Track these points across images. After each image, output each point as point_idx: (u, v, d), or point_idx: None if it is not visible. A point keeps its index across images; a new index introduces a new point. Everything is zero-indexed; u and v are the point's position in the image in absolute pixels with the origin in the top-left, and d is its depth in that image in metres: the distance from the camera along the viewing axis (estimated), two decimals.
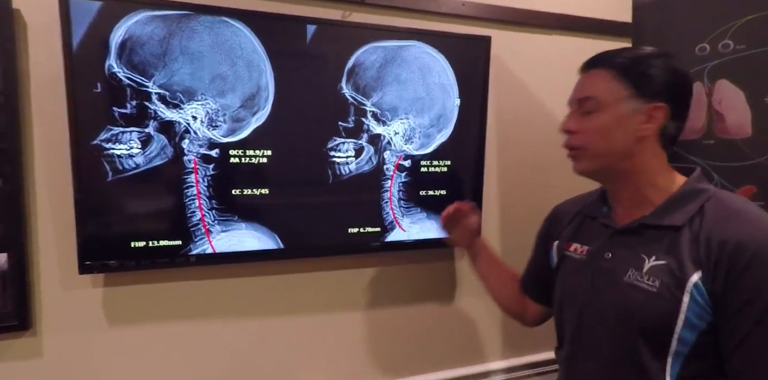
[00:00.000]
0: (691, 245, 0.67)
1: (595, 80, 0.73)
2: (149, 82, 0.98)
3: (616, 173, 0.74)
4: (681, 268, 0.67)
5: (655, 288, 0.68)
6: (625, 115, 0.71)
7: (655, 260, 0.69)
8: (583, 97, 0.74)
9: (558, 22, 1.42)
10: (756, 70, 0.99)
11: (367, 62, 1.14)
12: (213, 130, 1.04)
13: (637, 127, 0.71)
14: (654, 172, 0.73)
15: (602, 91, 0.72)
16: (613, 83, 0.71)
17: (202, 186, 1.04)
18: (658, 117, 0.70)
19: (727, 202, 0.69)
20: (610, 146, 0.72)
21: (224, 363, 1.15)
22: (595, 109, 0.72)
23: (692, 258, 0.66)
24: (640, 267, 0.71)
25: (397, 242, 1.23)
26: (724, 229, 0.65)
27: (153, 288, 1.09)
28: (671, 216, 0.70)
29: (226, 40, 1.02)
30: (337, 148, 1.14)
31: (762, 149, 0.99)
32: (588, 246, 0.80)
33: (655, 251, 0.70)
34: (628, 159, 0.72)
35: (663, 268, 0.68)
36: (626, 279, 0.72)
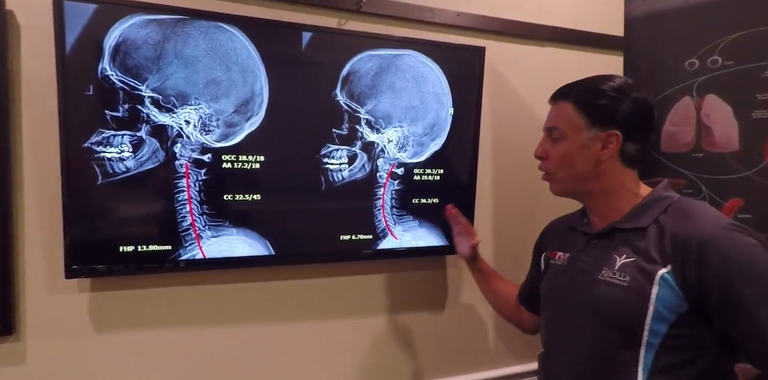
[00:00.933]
0: (656, 243, 0.75)
1: (560, 112, 0.84)
2: (142, 86, 0.97)
3: (585, 192, 0.85)
4: (648, 263, 0.74)
5: (626, 283, 0.75)
6: (584, 143, 0.81)
7: (625, 258, 0.77)
8: (550, 126, 0.85)
9: (551, 34, 1.44)
10: (743, 85, 1.02)
11: (362, 70, 1.15)
12: (206, 135, 1.03)
13: (595, 153, 0.80)
14: (621, 188, 0.82)
15: (564, 122, 0.83)
16: (573, 115, 0.82)
17: (194, 191, 1.03)
18: (613, 142, 0.80)
19: (687, 205, 0.78)
20: (574, 171, 0.83)
21: (213, 370, 1.14)
22: (560, 138, 0.83)
23: (659, 254, 0.74)
24: (612, 265, 0.78)
25: (389, 250, 1.23)
26: (686, 227, 0.73)
27: (141, 294, 1.07)
28: (638, 219, 0.79)
29: (221, 46, 1.02)
30: (330, 155, 1.14)
31: (748, 163, 1.01)
32: (569, 253, 0.89)
33: (625, 250, 0.78)
34: (593, 180, 0.82)
35: (632, 264, 0.76)
36: (600, 277, 0.79)
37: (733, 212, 1.02)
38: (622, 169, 0.82)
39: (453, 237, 1.22)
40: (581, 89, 0.83)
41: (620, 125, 0.79)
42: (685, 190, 1.08)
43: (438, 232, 1.27)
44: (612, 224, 0.81)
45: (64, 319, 1.01)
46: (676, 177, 1.09)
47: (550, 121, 0.86)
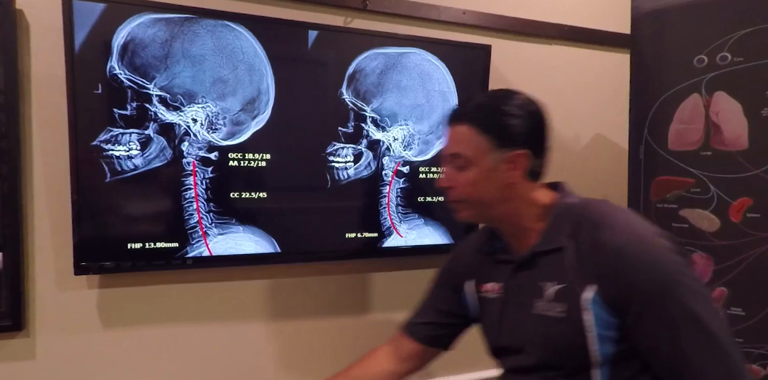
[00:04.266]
0: (577, 261, 0.70)
1: (460, 136, 0.76)
2: (150, 84, 0.98)
3: (497, 217, 0.78)
4: (577, 287, 0.69)
5: (562, 314, 0.70)
6: (491, 166, 0.74)
7: (555, 285, 0.72)
8: (452, 153, 0.76)
9: (557, 32, 1.43)
10: (753, 82, 1.00)
11: (368, 68, 1.15)
12: (213, 133, 1.04)
13: (504, 176, 0.74)
14: (532, 206, 0.77)
15: (467, 148, 0.75)
16: (476, 138, 0.74)
17: (201, 188, 1.04)
18: (522, 162, 0.74)
19: (596, 213, 0.72)
20: (484, 197, 0.76)
21: (219, 366, 1.15)
22: (466, 165, 0.75)
23: (582, 274, 0.69)
24: (543, 295, 0.73)
25: (395, 248, 1.23)
26: (599, 239, 0.68)
27: (149, 290, 1.08)
28: (553, 239, 0.73)
29: (228, 44, 1.03)
30: (336, 153, 1.14)
31: (758, 161, 1.00)
32: (499, 283, 0.81)
33: (552, 276, 0.72)
34: (504, 203, 0.76)
35: (563, 291, 0.71)
36: (534, 311, 0.73)
37: (742, 212, 1.01)
38: (531, 186, 0.77)
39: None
40: (480, 110, 0.76)
41: (524, 144, 0.74)
42: (693, 189, 1.07)
43: (443, 230, 1.27)
44: (532, 248, 0.75)
45: (73, 315, 1.03)
46: (684, 175, 1.08)
47: (451, 147, 0.77)
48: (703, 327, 0.63)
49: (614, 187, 1.44)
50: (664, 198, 1.12)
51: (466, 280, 0.87)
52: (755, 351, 1.00)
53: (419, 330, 0.92)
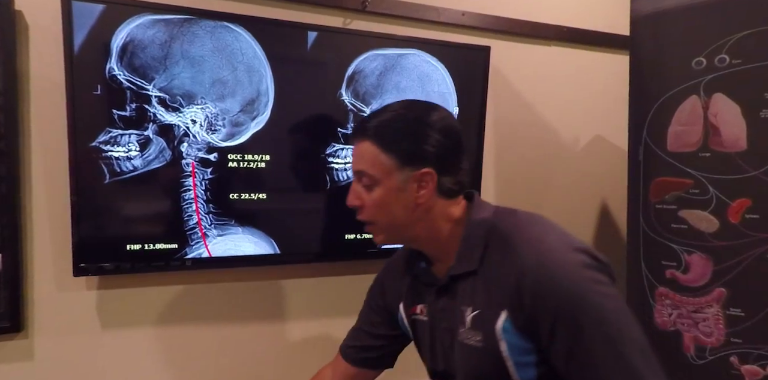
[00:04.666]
0: (489, 285, 0.66)
1: (364, 153, 0.70)
2: (149, 85, 0.98)
3: (412, 238, 0.73)
4: (490, 313, 0.66)
5: (480, 343, 0.67)
6: (398, 187, 0.68)
7: (471, 311, 0.68)
8: (358, 170, 0.71)
9: (556, 33, 1.43)
10: (751, 84, 1.01)
11: (367, 69, 1.15)
12: (212, 134, 1.04)
13: (412, 196, 0.69)
14: (446, 224, 0.71)
15: (371, 166, 0.69)
16: (380, 156, 0.68)
17: (200, 189, 1.04)
18: (429, 181, 0.68)
19: (506, 230, 0.68)
20: (394, 219, 0.70)
21: (219, 367, 1.15)
22: (372, 184, 0.69)
23: (492, 301, 0.66)
24: (464, 322, 0.69)
25: (394, 249, 1.22)
26: (508, 260, 0.64)
27: (148, 292, 1.08)
28: (466, 261, 0.69)
29: (227, 45, 1.03)
30: (335, 154, 1.14)
31: (756, 163, 1.00)
32: (424, 304, 0.77)
33: (469, 302, 0.69)
34: (417, 223, 0.71)
35: (479, 318, 0.67)
36: (459, 338, 0.70)
37: (741, 213, 1.01)
38: (444, 203, 0.71)
39: None
40: (381, 125, 0.69)
41: (431, 162, 0.68)
42: (691, 190, 1.07)
43: None
44: (448, 272, 0.71)
45: (72, 317, 1.02)
46: (683, 177, 1.08)
47: (356, 164, 0.71)
48: (612, 348, 0.58)
49: (613, 189, 1.44)
50: (663, 199, 1.12)
51: (398, 302, 0.81)
52: (755, 351, 1.00)
53: (351, 353, 0.87)
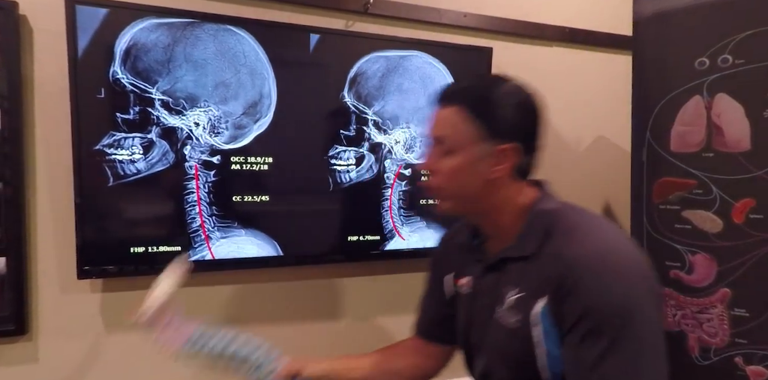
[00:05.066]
0: (540, 271, 0.65)
1: (449, 118, 0.68)
2: (153, 89, 0.99)
3: (476, 212, 0.72)
4: (531, 298, 0.65)
5: (514, 324, 0.67)
6: (476, 158, 0.67)
7: (514, 294, 0.68)
8: (438, 136, 0.69)
9: (559, 34, 1.43)
10: (754, 84, 1.00)
11: (370, 71, 1.15)
12: (215, 137, 1.04)
13: (488, 170, 0.67)
14: (511, 205, 0.70)
15: (455, 132, 0.67)
16: (466, 124, 0.67)
17: (203, 192, 1.04)
18: (510, 157, 0.67)
19: (570, 222, 0.67)
20: (462, 190, 0.69)
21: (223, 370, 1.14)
22: (451, 150, 0.68)
23: (539, 286, 0.64)
24: (503, 302, 0.69)
25: (397, 250, 1.23)
26: (563, 252, 0.63)
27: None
28: (523, 246, 0.68)
29: (230, 48, 1.03)
30: (338, 156, 1.15)
31: (760, 163, 0.99)
32: (471, 277, 0.77)
33: (513, 285, 0.68)
34: (484, 199, 0.69)
35: (519, 301, 0.67)
36: (495, 317, 0.70)
37: (745, 213, 1.01)
38: (512, 183, 0.69)
39: None
40: (476, 93, 0.68)
41: (519, 138, 0.66)
42: (695, 191, 1.07)
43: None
44: (501, 253, 0.71)
45: (77, 319, 1.03)
46: (686, 177, 1.08)
47: (437, 129, 0.70)
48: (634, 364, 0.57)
49: (617, 189, 1.43)
50: (667, 199, 1.12)
51: (447, 272, 0.82)
52: (759, 352, 1.00)
53: (419, 325, 0.89)
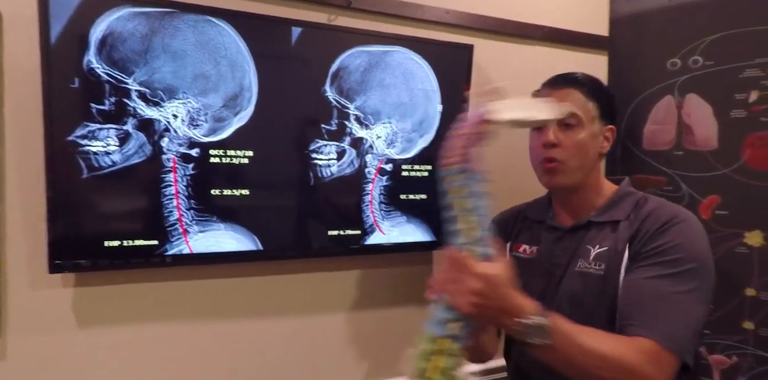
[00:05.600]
0: (628, 231, 0.78)
1: (573, 97, 0.82)
2: (129, 79, 0.96)
3: (581, 183, 0.84)
4: (618, 250, 0.77)
5: (602, 271, 0.77)
6: (594, 133, 0.82)
7: (599, 248, 0.79)
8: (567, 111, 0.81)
9: (538, 33, 1.46)
10: (722, 85, 1.05)
11: (352, 66, 1.15)
12: (194, 129, 1.03)
13: (600, 145, 0.83)
14: (599, 182, 0.85)
15: (581, 109, 0.81)
16: (588, 103, 0.82)
17: (181, 185, 1.03)
18: (611, 137, 0.84)
19: (656, 200, 0.81)
20: (584, 161, 0.82)
21: (199, 365, 1.13)
22: (577, 125, 0.81)
23: (627, 239, 0.77)
24: (587, 256, 0.80)
25: (377, 245, 1.24)
26: (655, 213, 0.77)
27: (127, 289, 1.06)
28: (612, 213, 0.82)
29: (210, 40, 1.02)
30: (319, 151, 1.14)
31: (726, 161, 1.04)
32: (536, 246, 0.89)
33: (599, 241, 0.80)
34: (591, 172, 0.83)
35: (605, 253, 0.78)
36: (576, 269, 0.81)
37: (711, 209, 1.05)
38: (599, 164, 0.85)
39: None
40: (590, 80, 0.85)
41: (615, 122, 0.83)
42: (665, 187, 1.11)
43: (425, 228, 1.29)
44: (589, 218, 0.83)
45: (48, 315, 1.00)
46: (657, 174, 1.12)
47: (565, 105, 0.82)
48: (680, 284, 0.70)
49: None
50: None
51: (506, 242, 0.94)
52: (721, 342, 1.04)
53: None
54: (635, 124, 1.16)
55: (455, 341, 0.63)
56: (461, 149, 0.63)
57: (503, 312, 0.61)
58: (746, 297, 1.02)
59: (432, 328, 0.64)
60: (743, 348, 1.01)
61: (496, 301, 0.60)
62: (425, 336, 0.65)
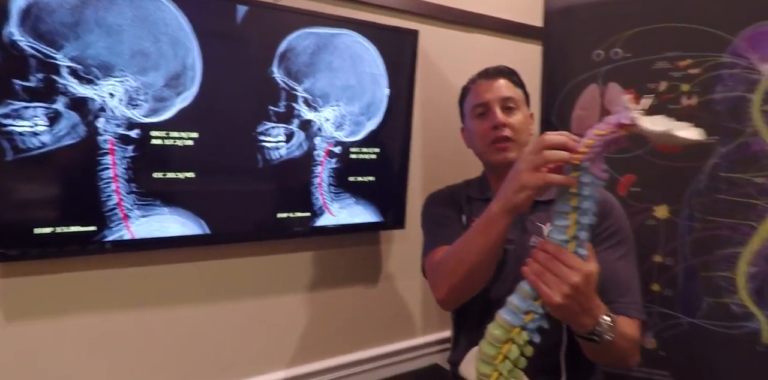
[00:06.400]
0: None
1: (508, 86, 0.97)
2: (58, 54, 0.90)
3: None
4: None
5: None
6: (526, 115, 0.98)
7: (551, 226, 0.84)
8: (507, 96, 0.95)
9: (478, 21, 1.52)
10: (638, 75, 1.16)
11: (299, 47, 1.15)
12: (133, 109, 0.98)
13: (530, 127, 0.99)
14: None
15: (516, 95, 0.97)
16: (518, 90, 0.98)
17: (120, 168, 0.98)
18: (532, 122, 1.01)
19: None
20: (526, 138, 0.95)
21: (147, 355, 1.11)
22: (516, 108, 0.95)
23: None
24: (540, 232, 0.90)
25: (327, 227, 1.26)
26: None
27: (63, 279, 1.01)
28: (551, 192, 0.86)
29: (149, 15, 0.97)
30: (267, 133, 1.13)
31: (641, 143, 1.16)
32: None
33: (548, 219, 0.85)
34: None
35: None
36: (530, 244, 0.89)
37: (627, 186, 1.18)
38: None
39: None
40: (514, 72, 1.00)
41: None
42: None
43: (373, 209, 1.32)
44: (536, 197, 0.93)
45: None
46: None
47: (503, 92, 0.95)
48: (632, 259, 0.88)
49: None
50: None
51: (462, 214, 1.01)
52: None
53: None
54: (565, 110, 1.26)
55: (527, 333, 0.63)
56: (595, 148, 0.61)
57: (586, 309, 0.65)
58: (654, 263, 1.16)
59: (507, 316, 0.64)
60: (651, 308, 1.16)
61: (586, 298, 0.63)
62: (498, 323, 0.64)
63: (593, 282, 0.63)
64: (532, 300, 0.63)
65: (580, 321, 0.66)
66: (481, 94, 0.96)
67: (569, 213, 0.63)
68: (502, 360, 0.63)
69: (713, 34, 1.10)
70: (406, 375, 1.47)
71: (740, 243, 1.08)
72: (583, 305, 0.64)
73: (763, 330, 1.06)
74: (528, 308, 0.63)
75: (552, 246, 0.63)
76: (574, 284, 0.61)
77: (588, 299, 0.64)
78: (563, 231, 0.63)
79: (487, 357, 0.64)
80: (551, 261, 0.62)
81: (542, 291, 0.62)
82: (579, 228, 0.62)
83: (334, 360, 1.36)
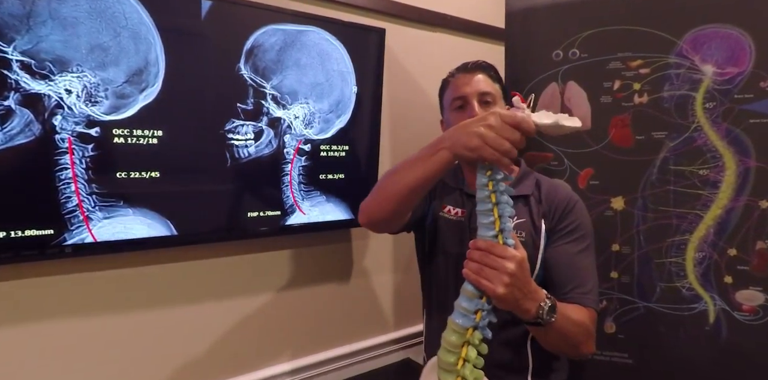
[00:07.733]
0: (537, 206, 0.95)
1: (485, 80, 0.98)
2: (8, 48, 0.85)
3: None
4: (536, 222, 0.93)
5: (523, 239, 0.92)
6: (503, 108, 0.95)
7: (518, 219, 0.94)
8: (485, 91, 0.96)
9: (442, 21, 1.55)
10: (594, 74, 1.23)
11: (267, 44, 1.13)
12: (92, 106, 0.94)
13: None
14: None
15: (494, 89, 0.97)
16: (495, 85, 0.98)
17: (80, 168, 0.94)
18: None
19: (549, 180, 1.00)
20: None
21: (110, 361, 1.06)
22: (493, 102, 0.96)
23: (541, 214, 0.94)
24: None
25: (297, 225, 1.25)
26: (555, 193, 0.96)
27: (19, 285, 0.95)
28: (521, 188, 0.97)
29: (107, 8, 0.93)
30: (235, 131, 1.11)
31: (597, 139, 1.23)
32: (461, 208, 0.99)
33: (516, 213, 0.93)
34: None
35: (524, 224, 0.94)
36: None
37: (587, 179, 1.25)
38: None
39: None
40: (492, 67, 1.01)
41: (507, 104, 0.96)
42: (552, 162, 1.28)
43: (344, 206, 1.33)
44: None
45: None
46: (546, 151, 1.29)
47: (481, 86, 0.96)
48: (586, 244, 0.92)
49: None
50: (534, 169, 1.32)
51: (434, 199, 1.03)
52: None
53: None
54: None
55: (480, 331, 0.65)
56: None
57: (526, 293, 0.68)
58: (612, 252, 1.23)
59: (459, 320, 0.65)
60: (610, 294, 1.23)
61: (523, 283, 0.67)
62: (451, 329, 0.65)
63: (526, 266, 0.67)
64: (478, 298, 0.66)
65: (523, 306, 0.69)
66: (460, 87, 0.98)
67: (491, 210, 0.66)
68: (463, 364, 0.64)
69: (661, 37, 1.17)
70: (380, 371, 1.48)
71: (688, 231, 1.17)
72: (522, 289, 0.67)
73: (709, 310, 1.15)
74: (476, 307, 0.65)
75: (483, 243, 0.66)
76: (511, 272, 0.64)
77: (525, 283, 0.68)
78: (491, 228, 0.67)
79: (447, 364, 0.65)
80: (486, 256, 0.65)
81: (485, 286, 0.65)
82: (503, 221, 0.66)
83: (307, 359, 1.35)
